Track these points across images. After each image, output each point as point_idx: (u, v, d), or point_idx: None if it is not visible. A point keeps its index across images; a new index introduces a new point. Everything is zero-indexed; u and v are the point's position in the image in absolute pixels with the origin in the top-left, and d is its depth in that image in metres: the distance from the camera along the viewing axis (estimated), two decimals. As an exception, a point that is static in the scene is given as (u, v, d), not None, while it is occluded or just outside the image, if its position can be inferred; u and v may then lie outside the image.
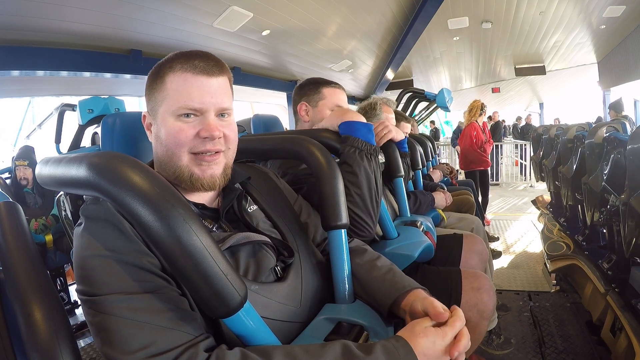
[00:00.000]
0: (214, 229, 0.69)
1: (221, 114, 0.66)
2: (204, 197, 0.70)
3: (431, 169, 2.79)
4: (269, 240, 0.70)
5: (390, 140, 1.45)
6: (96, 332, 0.49)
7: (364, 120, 1.05)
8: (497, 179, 7.23)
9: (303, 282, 0.72)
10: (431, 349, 0.55)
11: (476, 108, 3.97)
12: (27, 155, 2.88)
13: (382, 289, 0.73)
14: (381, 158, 1.68)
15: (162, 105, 0.64)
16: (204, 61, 0.65)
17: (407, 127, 2.34)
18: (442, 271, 1.18)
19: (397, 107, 4.37)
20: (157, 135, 0.66)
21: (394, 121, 1.82)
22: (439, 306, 0.62)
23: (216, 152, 0.66)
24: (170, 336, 0.49)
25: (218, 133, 0.64)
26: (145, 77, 0.69)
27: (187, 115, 0.63)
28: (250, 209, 0.76)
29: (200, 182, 0.65)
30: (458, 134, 5.83)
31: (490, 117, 7.76)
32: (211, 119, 0.65)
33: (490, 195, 5.59)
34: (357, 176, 0.98)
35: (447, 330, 0.58)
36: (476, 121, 4.00)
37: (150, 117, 0.68)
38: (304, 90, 1.27)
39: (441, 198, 1.88)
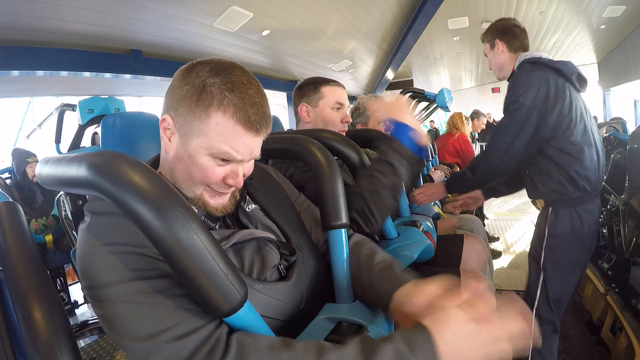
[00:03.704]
0: (217, 227, 0.68)
1: None
2: None
3: (432, 169, 2.79)
4: (272, 237, 0.70)
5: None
6: (109, 324, 0.48)
7: (414, 124, 1.00)
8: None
9: (306, 281, 0.72)
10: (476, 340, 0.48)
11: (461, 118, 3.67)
12: (30, 152, 2.90)
13: (382, 287, 0.70)
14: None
15: (198, 138, 0.59)
16: (259, 114, 0.60)
17: None
18: (441, 272, 1.18)
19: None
20: (181, 156, 0.61)
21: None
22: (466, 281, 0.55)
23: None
24: (192, 317, 0.47)
25: (242, 182, 0.64)
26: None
27: (223, 160, 0.60)
28: (249, 208, 0.75)
29: (213, 208, 0.65)
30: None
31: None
32: (241, 169, 0.63)
33: (490, 195, 5.58)
34: (387, 176, 0.96)
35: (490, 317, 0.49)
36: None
37: (175, 131, 0.61)
38: (303, 91, 1.28)
39: (439, 172, 2.16)
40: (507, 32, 1.36)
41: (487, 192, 1.60)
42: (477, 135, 5.64)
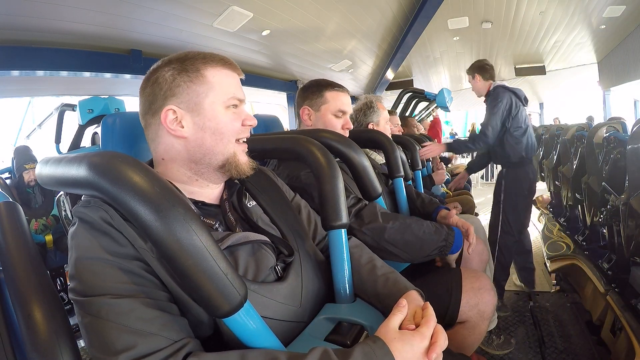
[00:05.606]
0: (217, 226, 0.69)
1: None
2: (204, 194, 0.70)
3: (434, 173, 2.78)
4: (267, 239, 0.70)
5: (390, 140, 1.45)
6: (85, 332, 0.51)
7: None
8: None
9: (303, 282, 0.72)
10: (410, 352, 0.54)
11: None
12: (31, 156, 2.88)
13: (385, 288, 0.74)
14: (381, 158, 1.68)
15: (208, 96, 0.66)
16: (229, 60, 0.71)
17: (396, 119, 2.60)
18: (442, 271, 1.18)
19: (397, 107, 4.38)
20: (203, 125, 0.66)
21: (388, 116, 1.82)
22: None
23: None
24: (151, 340, 0.49)
25: (255, 120, 0.71)
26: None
27: (235, 106, 0.69)
28: (250, 204, 0.77)
29: (245, 166, 0.71)
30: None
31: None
32: (246, 109, 0.72)
33: (489, 195, 5.58)
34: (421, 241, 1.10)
35: (424, 331, 0.56)
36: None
37: (185, 111, 0.66)
38: (307, 93, 1.27)
39: (441, 174, 2.59)
40: (481, 68, 2.25)
41: (468, 170, 2.77)
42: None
